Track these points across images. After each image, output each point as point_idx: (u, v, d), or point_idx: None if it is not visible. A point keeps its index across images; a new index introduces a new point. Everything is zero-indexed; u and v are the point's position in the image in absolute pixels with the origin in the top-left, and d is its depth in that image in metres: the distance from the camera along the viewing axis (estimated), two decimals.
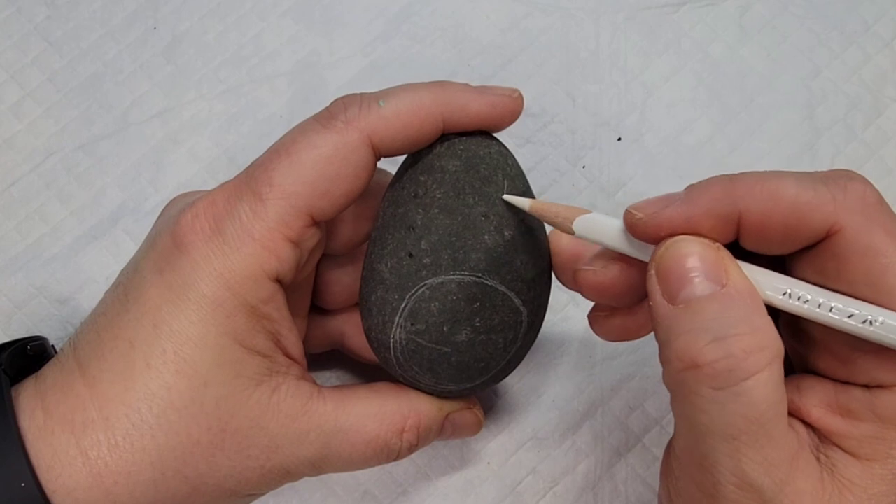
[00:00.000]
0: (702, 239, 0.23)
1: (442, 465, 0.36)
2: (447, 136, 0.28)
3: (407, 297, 0.28)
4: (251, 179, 0.27)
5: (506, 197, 0.27)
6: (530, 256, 0.28)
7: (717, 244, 0.23)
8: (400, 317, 0.28)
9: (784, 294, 0.23)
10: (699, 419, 0.22)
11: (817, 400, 0.24)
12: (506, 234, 0.28)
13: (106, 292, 0.28)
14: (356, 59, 0.41)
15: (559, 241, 0.29)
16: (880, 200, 0.22)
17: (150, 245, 0.27)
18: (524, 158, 0.39)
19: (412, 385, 0.30)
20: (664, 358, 0.23)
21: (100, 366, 0.26)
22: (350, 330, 0.34)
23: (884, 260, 0.21)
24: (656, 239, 0.24)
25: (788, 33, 0.41)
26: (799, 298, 0.23)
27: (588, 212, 0.25)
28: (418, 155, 0.29)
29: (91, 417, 0.25)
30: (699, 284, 0.22)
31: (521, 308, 0.28)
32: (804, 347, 0.25)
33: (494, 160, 0.28)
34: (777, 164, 0.40)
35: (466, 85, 0.28)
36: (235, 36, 0.41)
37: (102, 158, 0.40)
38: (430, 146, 0.28)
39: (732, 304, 0.22)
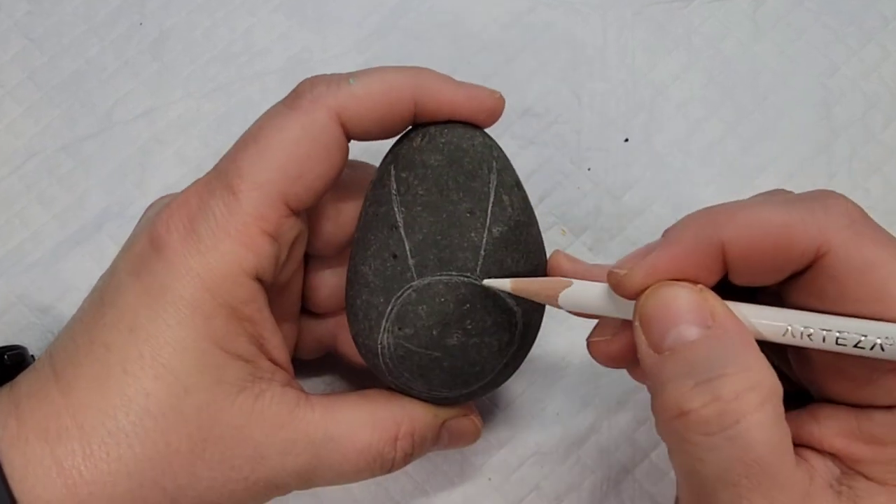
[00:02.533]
0: (683, 283, 0.23)
1: (441, 480, 0.36)
2: (428, 127, 0.28)
3: (392, 300, 0.28)
4: (221, 173, 0.27)
5: (486, 282, 0.27)
6: (522, 253, 0.28)
7: (700, 286, 0.23)
8: (387, 321, 0.28)
9: (785, 332, 0.23)
10: (696, 468, 0.22)
11: (838, 429, 0.24)
12: (494, 230, 0.28)
13: (85, 298, 0.28)
14: (351, 56, 0.41)
15: (559, 264, 0.29)
16: (864, 215, 0.23)
17: (128, 248, 0.28)
18: (527, 160, 0.40)
19: (405, 392, 0.30)
20: (654, 409, 0.23)
21: (75, 372, 0.26)
22: (343, 334, 0.33)
23: (882, 271, 0.21)
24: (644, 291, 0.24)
25: (804, 29, 0.41)
26: (801, 334, 0.23)
27: (569, 283, 0.25)
28: (398, 149, 0.29)
29: (65, 425, 0.25)
30: (683, 329, 0.22)
31: (515, 308, 0.28)
32: (817, 375, 0.25)
33: (479, 153, 0.28)
34: (791, 165, 0.40)
35: (445, 75, 0.29)
36: (225, 32, 0.41)
37: (86, 160, 0.40)
38: (410, 139, 0.28)
39: (718, 344, 0.22)
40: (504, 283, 0.27)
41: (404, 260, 0.28)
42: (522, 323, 0.29)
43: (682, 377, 0.22)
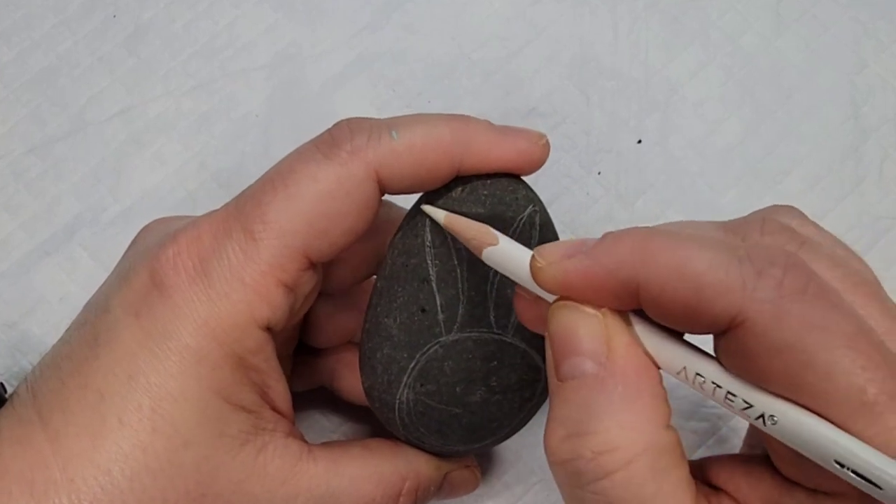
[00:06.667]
0: (584, 308, 0.23)
1: None
2: (471, 178, 0.28)
3: (417, 355, 0.28)
4: (241, 214, 0.26)
5: (423, 207, 0.28)
6: None
7: (604, 310, 0.23)
8: (408, 377, 0.28)
9: (680, 372, 0.23)
10: None
11: (762, 493, 0.24)
12: None
13: (69, 330, 0.28)
14: (342, 52, 0.41)
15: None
16: (804, 288, 0.21)
17: (123, 280, 0.27)
18: None
19: (416, 445, 0.30)
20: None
21: (65, 418, 0.25)
22: (341, 370, 0.34)
23: (801, 357, 0.20)
24: (555, 291, 0.24)
25: (830, 23, 0.41)
26: (694, 380, 0.22)
27: (496, 241, 0.25)
28: (434, 199, 0.28)
29: (53, 478, 0.24)
30: (577, 362, 0.23)
31: (541, 365, 0.29)
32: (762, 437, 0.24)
33: (522, 207, 0.28)
34: (817, 169, 0.40)
35: (489, 123, 0.28)
36: (207, 25, 0.41)
37: (56, 163, 0.40)
38: (449, 189, 0.28)
39: (599, 392, 0.22)
40: (438, 214, 0.27)
41: (434, 315, 0.28)
42: (545, 378, 0.29)
43: (559, 422, 0.23)
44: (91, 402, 0.25)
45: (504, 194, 0.28)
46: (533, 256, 0.24)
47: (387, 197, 0.29)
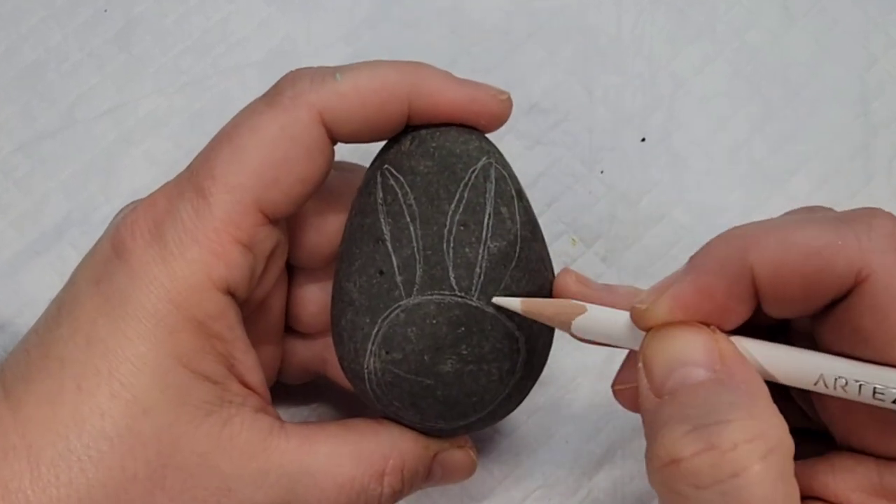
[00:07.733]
0: (691, 323, 0.23)
1: None
2: (419, 130, 0.28)
3: (379, 320, 0.28)
4: (192, 174, 0.27)
5: (495, 300, 0.27)
6: (524, 272, 0.28)
7: (712, 327, 0.23)
8: (373, 344, 0.28)
9: (818, 381, 0.23)
10: None
11: (856, 483, 0.24)
12: (491, 245, 0.27)
13: (44, 310, 0.28)
14: (338, 48, 0.41)
15: (567, 287, 0.28)
16: None
17: (90, 254, 0.28)
18: (533, 162, 0.40)
19: (396, 422, 0.30)
20: (647, 456, 0.22)
21: (26, 387, 0.25)
22: (333, 357, 0.33)
23: None
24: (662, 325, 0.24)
25: (839, 17, 0.41)
26: (834, 383, 0.22)
27: (583, 310, 0.25)
28: (386, 154, 0.29)
29: (12, 444, 0.25)
30: (687, 371, 0.22)
31: (517, 333, 0.28)
32: (840, 420, 0.25)
33: (474, 159, 0.28)
34: (825, 167, 0.40)
35: (443, 70, 0.28)
36: (199, 20, 0.41)
37: (45, 161, 0.40)
38: (399, 143, 0.28)
39: (722, 389, 0.22)
40: (514, 303, 0.26)
41: (391, 277, 0.27)
42: (526, 350, 0.28)
43: (677, 421, 0.21)
44: (52, 370, 0.25)
45: (454, 146, 0.28)
46: (633, 307, 0.24)
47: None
